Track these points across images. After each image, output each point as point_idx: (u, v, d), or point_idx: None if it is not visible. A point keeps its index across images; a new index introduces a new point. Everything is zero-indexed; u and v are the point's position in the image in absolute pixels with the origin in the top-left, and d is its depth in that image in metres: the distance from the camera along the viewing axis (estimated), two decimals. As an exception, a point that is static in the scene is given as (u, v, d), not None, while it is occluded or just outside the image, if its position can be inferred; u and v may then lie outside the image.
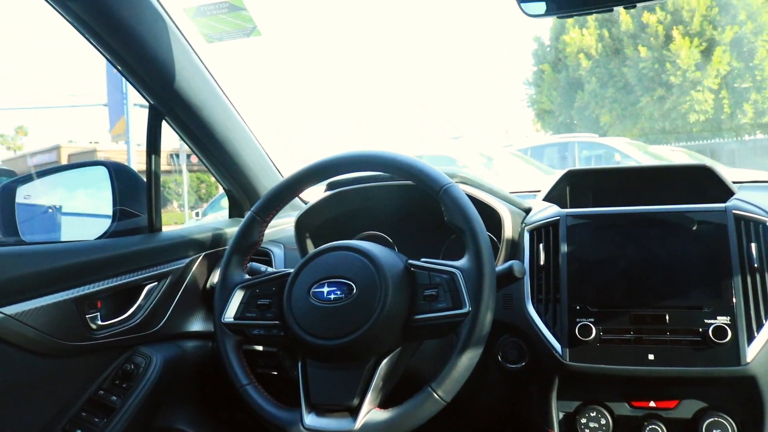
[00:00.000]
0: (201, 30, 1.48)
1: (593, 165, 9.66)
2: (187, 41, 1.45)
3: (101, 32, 1.30)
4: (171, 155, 13.50)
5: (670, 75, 16.18)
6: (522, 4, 1.20)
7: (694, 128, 16.66)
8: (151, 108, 1.52)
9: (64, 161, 21.48)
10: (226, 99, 1.60)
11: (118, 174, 1.55)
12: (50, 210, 1.68)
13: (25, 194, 1.58)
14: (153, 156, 1.53)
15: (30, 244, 1.47)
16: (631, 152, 9.19)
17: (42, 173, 1.66)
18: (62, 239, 1.58)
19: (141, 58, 1.38)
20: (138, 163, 11.45)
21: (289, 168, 1.80)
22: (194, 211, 9.53)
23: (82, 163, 1.69)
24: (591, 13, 1.12)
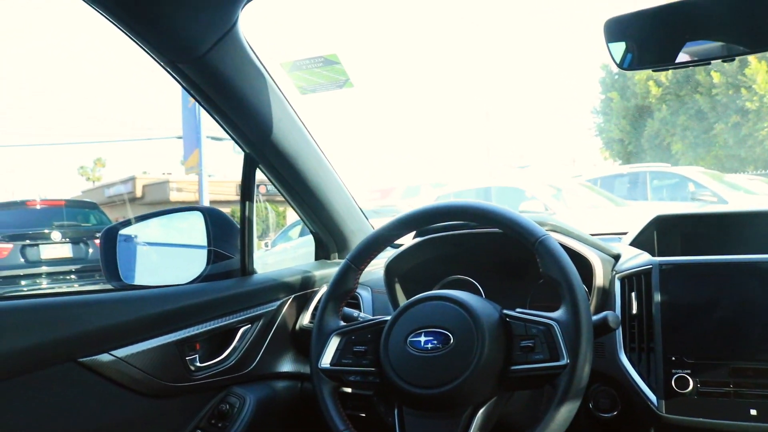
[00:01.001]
0: (296, 83, 1.54)
1: (665, 195, 9.39)
2: (282, 94, 1.51)
3: (206, 89, 1.38)
4: (239, 186, 13.77)
5: (746, 101, 15.66)
6: (610, 45, 1.21)
7: (773, 155, 16.06)
8: (247, 156, 1.58)
9: (138, 191, 22.36)
10: (317, 147, 1.65)
11: (213, 218, 1.62)
12: (149, 253, 1.76)
13: (125, 238, 1.67)
14: (247, 202, 1.59)
15: (132, 288, 1.54)
16: (706, 182, 8.87)
17: (140, 218, 1.75)
18: (161, 281, 1.65)
19: (240, 111, 1.45)
20: (211, 194, 11.79)
21: (361, 199, 1.82)
22: (263, 242, 9.75)
23: (179, 208, 1.77)
24: (687, 66, 1.12)
